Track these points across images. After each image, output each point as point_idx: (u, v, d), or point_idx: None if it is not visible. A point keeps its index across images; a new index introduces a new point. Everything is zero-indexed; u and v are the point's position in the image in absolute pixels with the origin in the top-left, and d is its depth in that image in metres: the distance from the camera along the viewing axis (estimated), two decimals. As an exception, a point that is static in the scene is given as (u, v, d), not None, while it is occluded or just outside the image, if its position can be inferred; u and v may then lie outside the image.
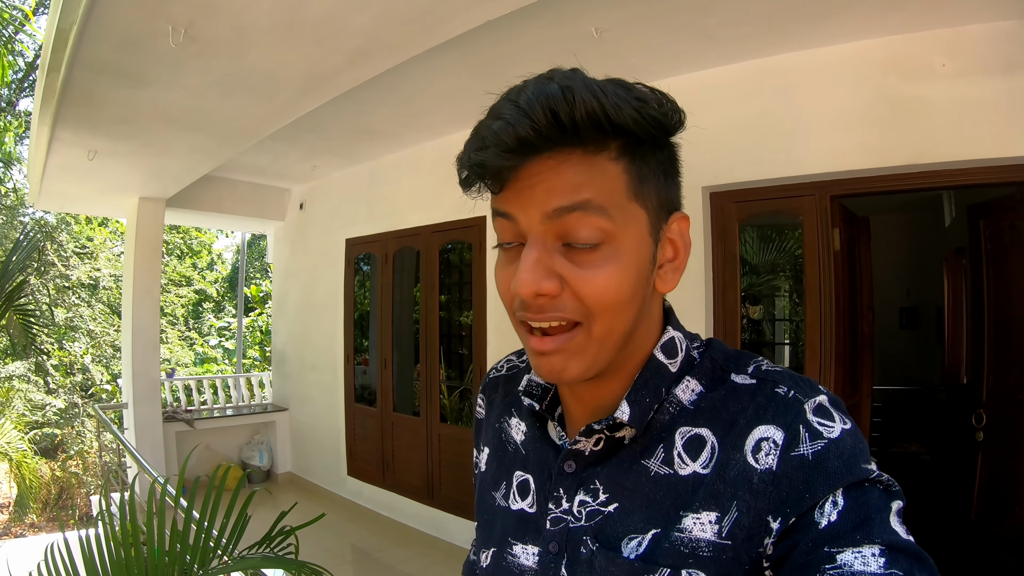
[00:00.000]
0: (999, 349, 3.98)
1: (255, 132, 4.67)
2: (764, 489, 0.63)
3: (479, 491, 0.94)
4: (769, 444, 0.64)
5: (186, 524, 2.31)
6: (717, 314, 3.94)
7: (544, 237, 0.66)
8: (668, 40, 3.56)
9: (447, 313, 6.06)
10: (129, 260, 6.78)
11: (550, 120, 0.61)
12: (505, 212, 0.68)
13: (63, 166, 5.39)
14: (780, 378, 0.70)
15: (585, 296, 0.65)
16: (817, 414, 0.65)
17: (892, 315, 7.39)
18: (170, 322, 15.59)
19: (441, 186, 5.61)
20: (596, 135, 0.64)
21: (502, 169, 0.64)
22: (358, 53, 3.30)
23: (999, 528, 3.79)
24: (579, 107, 0.61)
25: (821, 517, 0.59)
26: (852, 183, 3.55)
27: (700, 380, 0.74)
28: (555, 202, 0.64)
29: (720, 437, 0.68)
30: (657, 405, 0.73)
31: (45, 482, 10.62)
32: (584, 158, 0.64)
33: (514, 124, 0.62)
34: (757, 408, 0.67)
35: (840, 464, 0.61)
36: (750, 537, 0.63)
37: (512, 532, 0.83)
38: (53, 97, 3.85)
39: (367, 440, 6.64)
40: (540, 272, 0.65)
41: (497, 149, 0.62)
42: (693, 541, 0.65)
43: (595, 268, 0.65)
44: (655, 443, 0.72)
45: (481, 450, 0.97)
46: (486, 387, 1.02)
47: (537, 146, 0.63)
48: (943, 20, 3.16)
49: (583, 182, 0.64)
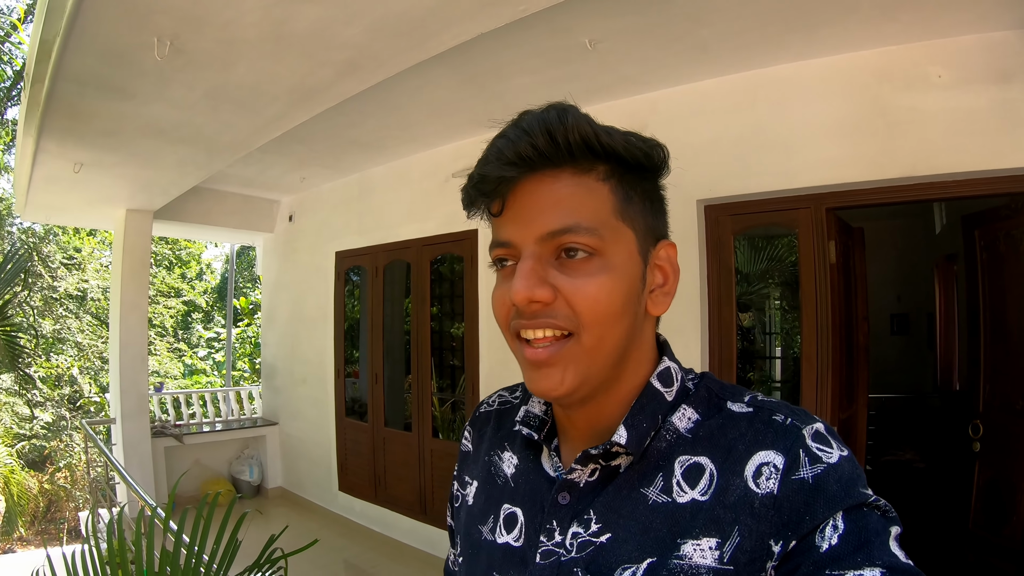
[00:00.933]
0: (995, 358, 3.96)
1: (243, 145, 4.62)
2: (765, 513, 0.63)
3: (465, 525, 0.93)
4: (770, 468, 0.65)
5: (176, 548, 2.26)
6: (712, 326, 3.91)
7: (539, 252, 0.70)
8: (662, 52, 3.54)
9: (438, 325, 6.02)
10: (116, 273, 6.71)
11: (546, 140, 0.68)
12: (504, 241, 0.73)
13: (49, 178, 5.33)
14: (776, 407, 0.72)
15: (576, 303, 0.69)
16: (815, 440, 0.66)
17: (883, 321, 7.42)
18: (159, 334, 15.50)
19: (431, 198, 5.59)
20: (587, 156, 0.70)
21: (501, 182, 0.70)
22: (348, 66, 3.26)
23: (997, 537, 3.77)
24: (572, 130, 0.68)
25: (822, 541, 0.60)
26: (848, 195, 3.53)
27: (696, 408, 0.76)
28: (548, 225, 0.69)
29: (719, 464, 0.69)
30: (654, 432, 0.74)
31: (33, 495, 10.53)
32: (574, 176, 0.70)
33: (515, 141, 0.69)
34: (755, 434, 0.69)
35: (839, 488, 0.62)
36: (752, 561, 0.63)
37: (497, 567, 0.82)
38: (37, 109, 3.80)
39: (358, 455, 6.58)
40: (534, 280, 0.69)
41: (498, 163, 0.69)
42: (693, 568, 0.65)
43: (587, 277, 0.69)
44: (654, 471, 0.73)
45: (468, 483, 0.97)
46: (475, 421, 1.03)
47: (534, 162, 0.69)
48: (937, 31, 3.15)
49: (574, 201, 0.70)
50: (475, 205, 0.74)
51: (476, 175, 0.71)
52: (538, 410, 0.87)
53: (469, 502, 0.94)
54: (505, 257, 0.74)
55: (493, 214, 0.73)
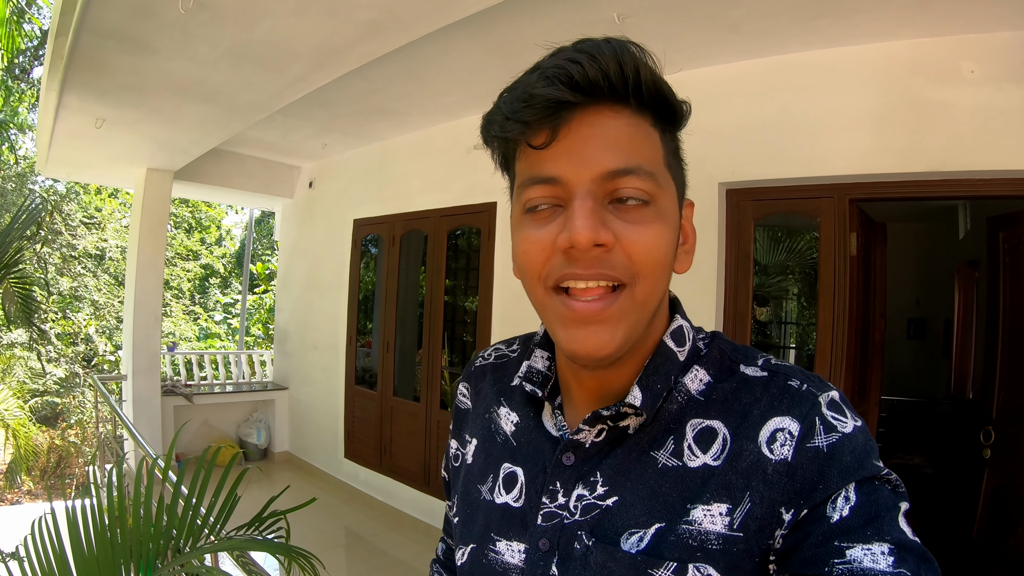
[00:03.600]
0: (1012, 364, 3.89)
1: (265, 106, 4.59)
2: (779, 480, 0.63)
3: (463, 484, 0.90)
4: (785, 435, 0.64)
5: (174, 499, 2.26)
6: (728, 313, 3.87)
7: (596, 193, 0.64)
8: (691, 30, 3.47)
9: (452, 298, 5.99)
10: (135, 231, 6.75)
11: (617, 69, 0.62)
12: (550, 176, 0.65)
13: (70, 133, 5.35)
14: (791, 372, 0.70)
15: (636, 252, 0.65)
16: (831, 408, 0.65)
17: (900, 325, 7.32)
18: (175, 295, 15.61)
19: (452, 169, 5.56)
20: (644, 98, 0.65)
21: (559, 107, 0.63)
22: (372, 26, 3.22)
23: (1002, 547, 3.73)
24: (644, 66, 0.63)
25: (833, 511, 0.59)
26: (872, 187, 3.47)
27: (708, 370, 0.74)
28: (610, 163, 0.63)
29: (733, 428, 0.67)
30: (666, 392, 0.72)
31: (44, 450, 10.66)
32: (633, 117, 0.65)
33: (584, 64, 0.61)
34: (771, 399, 0.67)
35: (853, 459, 0.61)
36: (762, 528, 0.62)
37: (495, 527, 0.80)
38: (61, 62, 3.80)
39: (366, 423, 6.61)
40: (596, 220, 0.63)
41: (560, 84, 0.61)
42: (702, 534, 0.64)
43: (645, 225, 0.65)
44: (665, 434, 0.71)
45: (468, 441, 0.93)
46: (471, 375, 1.00)
47: (600, 91, 0.63)
48: (973, 25, 3.07)
49: (635, 142, 0.65)
50: (505, 133, 0.66)
51: (524, 94, 0.63)
52: (541, 365, 0.83)
53: (468, 460, 0.91)
54: (544, 198, 0.66)
55: (534, 146, 0.65)
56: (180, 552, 2.21)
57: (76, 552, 2.09)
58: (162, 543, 2.19)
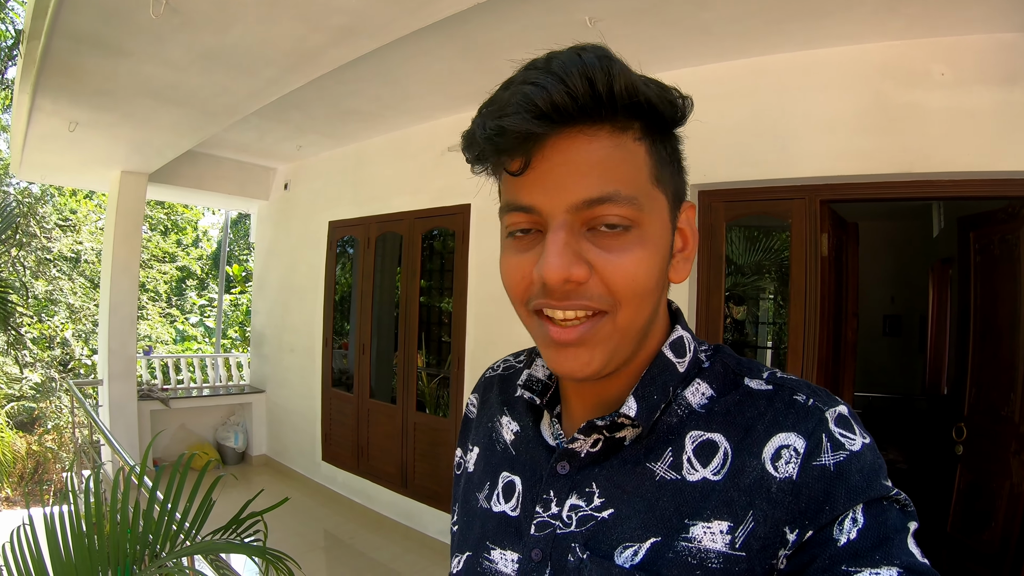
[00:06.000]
0: (983, 362, 3.95)
1: (238, 109, 4.58)
2: (783, 499, 0.61)
3: (463, 492, 0.90)
4: (790, 452, 0.62)
5: (150, 504, 2.26)
6: (700, 314, 3.90)
7: (571, 222, 0.62)
8: (663, 33, 3.50)
9: (428, 299, 6.00)
10: (109, 234, 6.70)
11: (587, 89, 0.58)
12: (526, 206, 0.64)
13: (44, 136, 5.31)
14: (797, 386, 0.68)
15: (614, 282, 0.62)
16: (839, 424, 0.63)
17: (876, 322, 7.41)
18: (151, 298, 15.46)
19: (427, 171, 5.56)
20: (626, 111, 0.62)
21: (527, 138, 0.60)
22: (344, 31, 3.22)
23: (975, 542, 3.78)
24: (617, 79, 0.59)
25: (840, 534, 0.58)
26: (843, 188, 3.52)
27: (711, 384, 0.72)
28: (585, 192, 0.61)
29: (735, 443, 0.66)
30: (664, 404, 0.70)
31: (21, 456, 10.53)
32: (612, 136, 0.62)
33: (548, 89, 0.58)
34: (776, 414, 0.65)
35: (861, 479, 0.60)
36: (764, 548, 0.60)
37: (491, 536, 0.79)
38: (33, 65, 3.78)
39: (343, 426, 6.59)
40: (569, 256, 0.61)
41: (526, 114, 0.58)
42: (702, 551, 0.62)
43: (623, 252, 0.63)
44: (662, 445, 0.69)
45: (470, 450, 0.93)
46: (480, 386, 0.99)
47: (570, 116, 0.59)
48: (943, 28, 3.12)
49: (612, 165, 0.62)
50: (485, 160, 0.65)
51: (492, 126, 0.60)
52: (541, 374, 0.83)
53: (470, 469, 0.91)
54: (523, 224, 0.65)
55: (512, 172, 0.63)
56: (157, 557, 2.21)
57: (54, 558, 2.08)
58: (139, 548, 2.18)
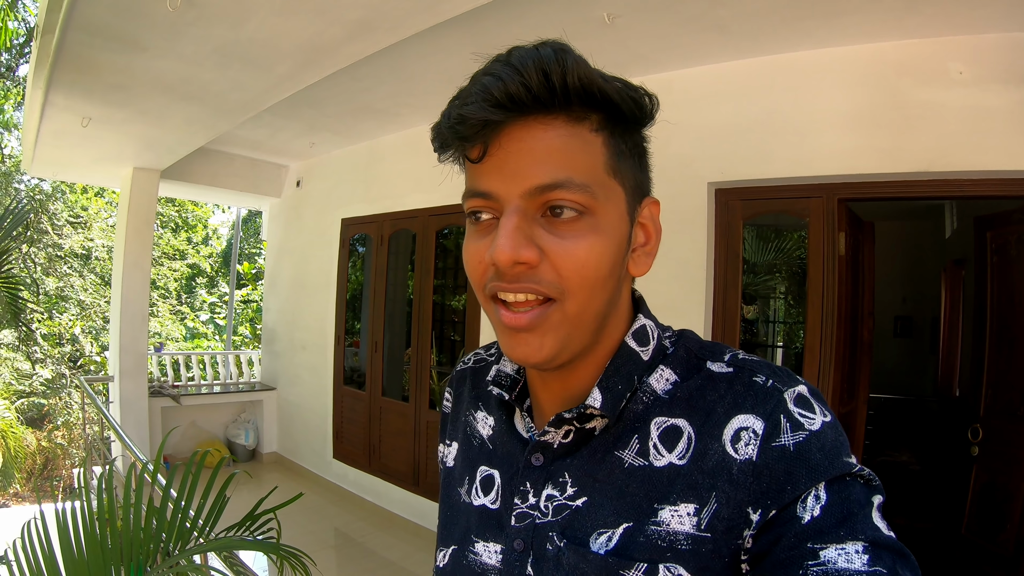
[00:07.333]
0: (999, 362, 3.92)
1: (252, 105, 4.57)
2: (744, 480, 0.62)
3: (444, 487, 0.92)
4: (749, 434, 0.63)
5: (163, 501, 2.25)
6: (717, 312, 3.88)
7: (524, 207, 0.64)
8: (680, 30, 3.48)
9: (441, 298, 5.99)
10: (121, 231, 6.71)
11: (541, 80, 0.61)
12: (483, 191, 0.66)
13: (56, 132, 5.31)
14: (757, 367, 0.69)
15: (563, 267, 0.64)
16: (798, 404, 0.64)
17: (887, 323, 7.37)
18: (162, 295, 15.50)
19: (440, 169, 5.48)
20: (582, 103, 0.64)
21: (485, 126, 0.62)
22: (360, 26, 3.20)
23: (991, 544, 3.74)
24: (571, 71, 0.61)
25: (804, 512, 0.58)
26: (861, 187, 3.49)
27: (674, 369, 0.73)
28: (539, 178, 0.63)
29: (697, 427, 0.67)
30: (630, 393, 0.71)
31: (31, 452, 10.58)
32: (567, 125, 0.64)
33: (505, 80, 0.61)
34: (735, 397, 0.66)
35: (822, 457, 0.60)
36: (730, 529, 0.62)
37: (475, 529, 0.81)
38: (47, 60, 3.78)
39: (354, 423, 6.59)
40: (520, 239, 0.63)
41: (484, 103, 0.61)
42: (671, 534, 0.64)
43: (575, 239, 0.64)
44: (629, 433, 0.70)
45: (449, 445, 0.95)
46: (453, 380, 1.01)
47: (525, 106, 0.62)
48: (961, 27, 3.09)
49: (566, 153, 0.63)
50: (449, 148, 0.68)
51: (454, 115, 0.63)
52: (510, 369, 0.84)
53: (449, 464, 0.93)
54: (481, 209, 0.68)
55: (471, 160, 0.67)
56: (169, 555, 2.21)
57: (66, 555, 2.08)
58: (152, 546, 2.18)
